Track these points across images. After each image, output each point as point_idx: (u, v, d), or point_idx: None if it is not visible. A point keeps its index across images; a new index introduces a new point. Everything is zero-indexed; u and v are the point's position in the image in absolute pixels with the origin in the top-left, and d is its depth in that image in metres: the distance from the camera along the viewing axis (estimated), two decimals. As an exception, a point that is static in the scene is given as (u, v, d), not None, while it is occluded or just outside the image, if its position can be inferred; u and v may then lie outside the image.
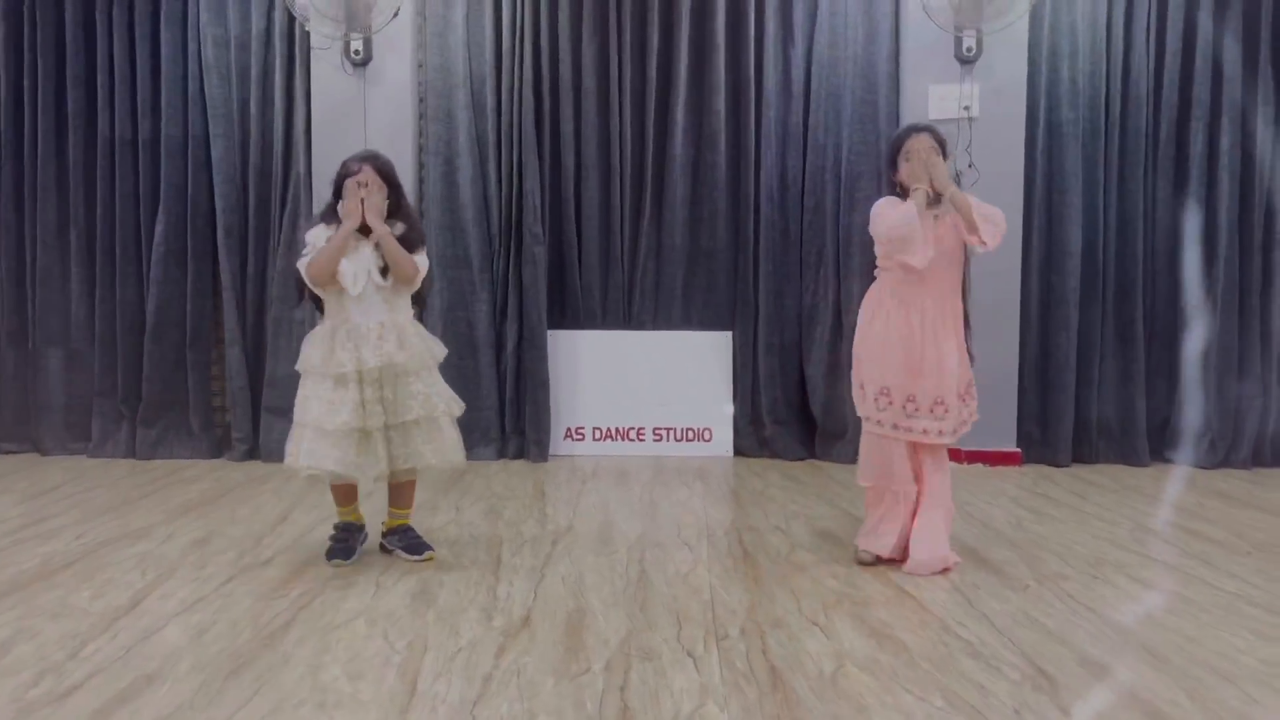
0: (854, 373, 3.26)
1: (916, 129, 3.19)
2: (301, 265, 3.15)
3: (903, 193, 3.14)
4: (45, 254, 5.22)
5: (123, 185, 5.15)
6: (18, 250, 5.30)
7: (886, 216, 3.11)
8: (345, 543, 3.24)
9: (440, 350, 3.27)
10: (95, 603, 2.77)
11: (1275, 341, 5.09)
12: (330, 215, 3.18)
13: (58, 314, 5.27)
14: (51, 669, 2.29)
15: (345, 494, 3.29)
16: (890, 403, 3.13)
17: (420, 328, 3.26)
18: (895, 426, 3.12)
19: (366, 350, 3.07)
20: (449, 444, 3.20)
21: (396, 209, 3.20)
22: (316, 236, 3.17)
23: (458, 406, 3.26)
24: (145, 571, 3.08)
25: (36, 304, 5.25)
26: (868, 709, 2.11)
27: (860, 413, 3.24)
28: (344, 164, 3.19)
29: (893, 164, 3.20)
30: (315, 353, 3.13)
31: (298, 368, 3.19)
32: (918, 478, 3.18)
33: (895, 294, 3.16)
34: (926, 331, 3.10)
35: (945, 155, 3.15)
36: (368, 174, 3.12)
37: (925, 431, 3.11)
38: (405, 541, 3.28)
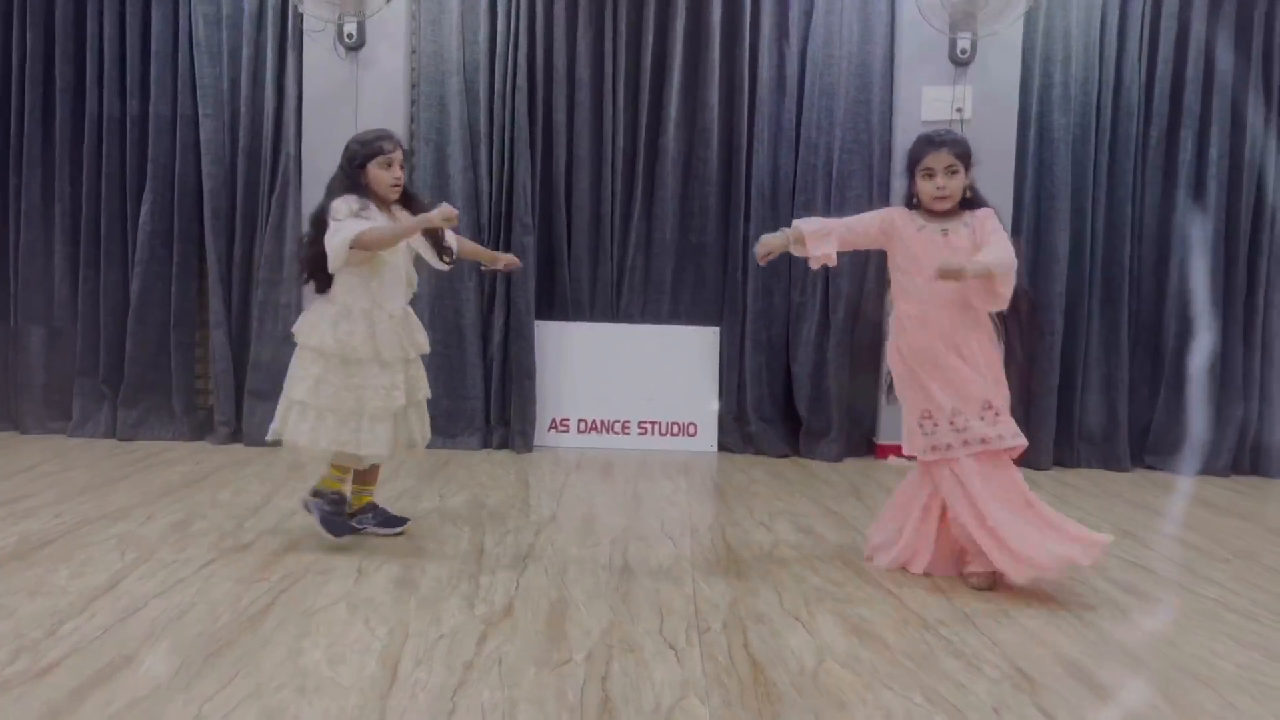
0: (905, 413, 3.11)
1: (935, 142, 3.00)
2: (348, 232, 2.98)
3: (919, 204, 3.06)
4: (29, 231, 5.17)
5: (109, 164, 5.11)
6: (1, 227, 5.24)
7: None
8: (341, 515, 3.26)
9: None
10: (73, 582, 2.75)
11: (1259, 350, 5.13)
12: (356, 189, 3.11)
13: (40, 292, 5.22)
14: (28, 647, 2.27)
15: (370, 474, 3.36)
16: (935, 424, 2.98)
17: None
18: (950, 447, 2.95)
19: (407, 335, 3.19)
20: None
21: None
22: (350, 208, 3.05)
23: None
24: (124, 552, 3.05)
25: (19, 281, 5.20)
26: (848, 705, 2.11)
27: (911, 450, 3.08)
28: (373, 142, 3.13)
29: (911, 174, 3.07)
30: (353, 337, 3.08)
31: (312, 346, 3.12)
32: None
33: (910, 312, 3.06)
34: (948, 343, 2.97)
35: (969, 166, 3.01)
36: (400, 156, 3.17)
37: (985, 440, 2.92)
38: (379, 518, 3.33)
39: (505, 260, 3.53)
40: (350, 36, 4.91)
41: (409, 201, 3.27)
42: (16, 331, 5.23)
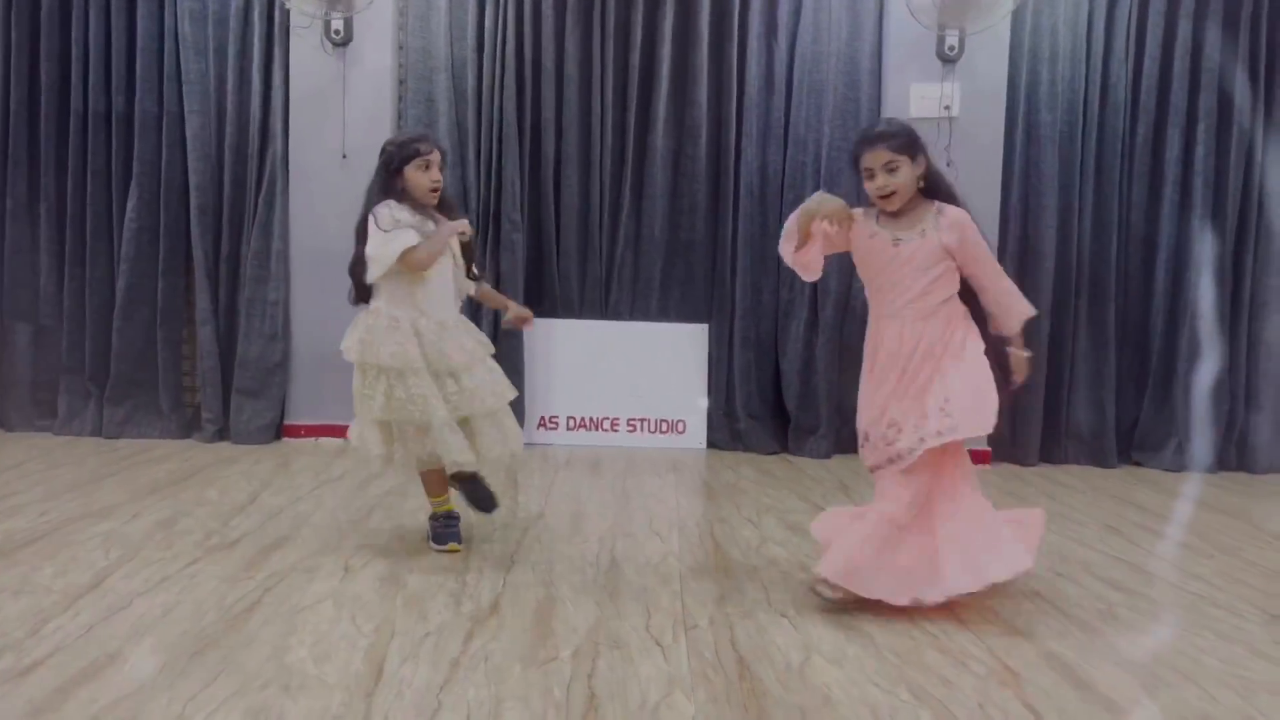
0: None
1: (869, 139, 2.76)
2: (398, 245, 2.92)
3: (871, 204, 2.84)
4: (14, 228, 5.14)
5: (95, 160, 5.07)
6: (-14, 223, 5.21)
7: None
8: (453, 528, 3.19)
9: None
10: (58, 580, 2.74)
11: (1244, 347, 5.15)
12: (395, 193, 3.03)
13: (26, 289, 5.19)
14: (11, 646, 2.26)
15: (441, 481, 3.24)
16: (900, 431, 2.74)
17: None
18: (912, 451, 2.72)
19: (455, 343, 3.07)
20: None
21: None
22: (394, 215, 2.97)
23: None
24: (109, 551, 3.04)
25: (5, 279, 5.16)
26: (834, 700, 2.11)
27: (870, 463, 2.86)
28: (409, 144, 3.04)
29: (858, 175, 2.84)
30: (409, 349, 2.98)
31: (370, 362, 3.00)
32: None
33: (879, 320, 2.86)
34: (917, 357, 2.75)
35: (913, 156, 2.72)
36: (438, 158, 3.08)
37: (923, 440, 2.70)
38: (430, 530, 3.24)
39: (518, 315, 3.41)
40: (337, 33, 4.89)
41: (443, 206, 3.17)
42: (2, 329, 5.19)
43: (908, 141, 2.73)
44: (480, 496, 3.29)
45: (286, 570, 2.91)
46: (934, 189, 2.80)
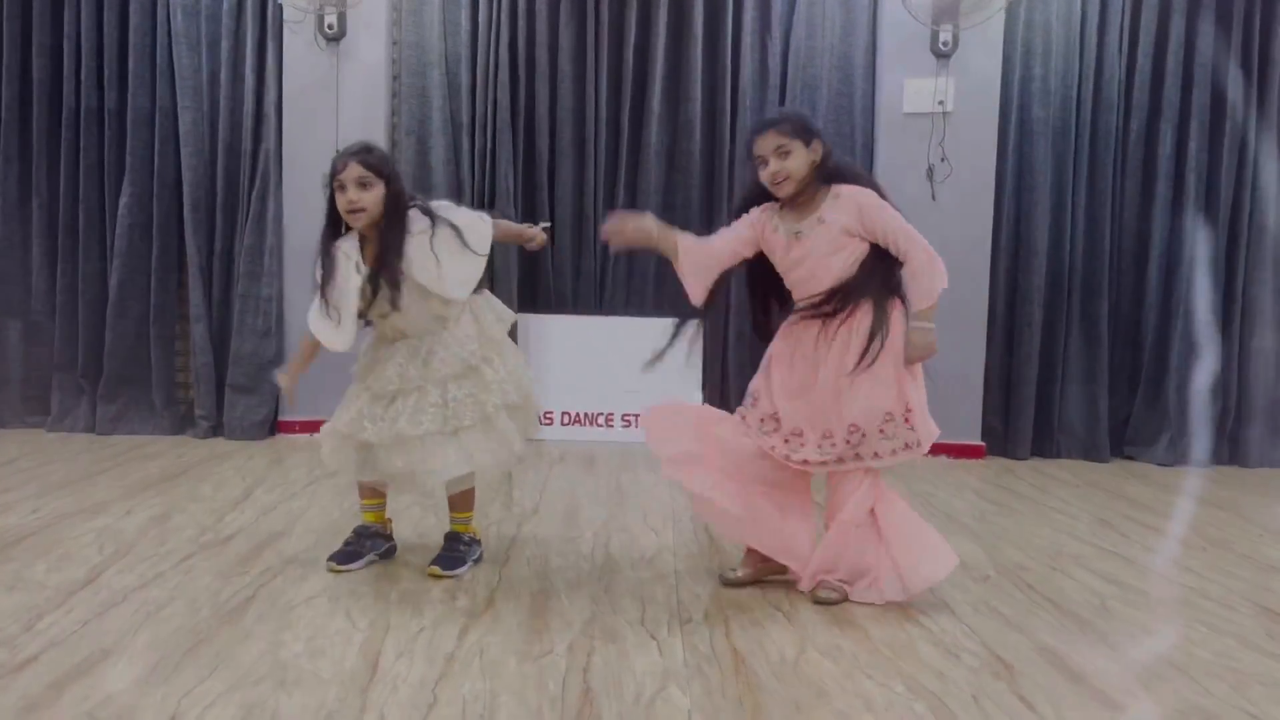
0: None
1: (757, 128, 2.73)
2: (310, 320, 2.79)
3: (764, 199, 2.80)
4: (6, 225, 5.12)
5: (87, 156, 5.06)
6: (-23, 220, 5.20)
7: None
8: (351, 546, 2.93)
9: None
10: (51, 576, 2.73)
11: (1237, 341, 5.17)
12: (330, 228, 2.80)
13: (18, 285, 5.17)
14: (5, 642, 2.25)
15: (370, 488, 2.99)
16: (777, 428, 2.78)
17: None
18: (773, 449, 2.77)
19: (416, 365, 2.79)
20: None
21: (395, 210, 2.73)
22: (338, 255, 2.75)
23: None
24: (103, 547, 3.03)
25: (-4, 275, 5.16)
26: (828, 693, 2.12)
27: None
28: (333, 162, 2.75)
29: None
30: (367, 358, 2.87)
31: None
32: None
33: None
34: (818, 355, 2.74)
35: (806, 141, 2.67)
36: (353, 172, 2.67)
37: (806, 462, 2.74)
38: (441, 551, 2.96)
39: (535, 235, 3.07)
40: (331, 28, 4.88)
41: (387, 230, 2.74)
42: (-6, 326, 5.19)
43: (799, 126, 2.68)
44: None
45: (281, 566, 2.90)
46: (834, 174, 2.74)
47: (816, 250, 2.70)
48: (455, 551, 2.92)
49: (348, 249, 2.77)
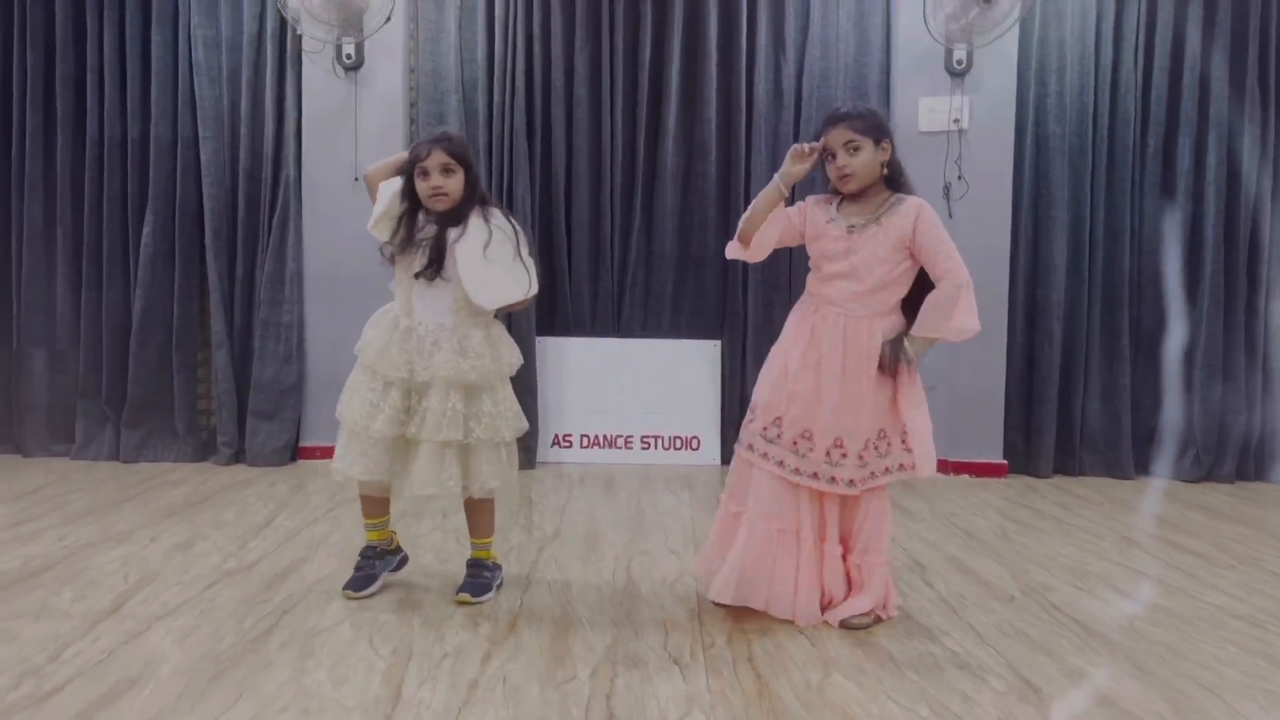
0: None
1: (832, 119, 2.69)
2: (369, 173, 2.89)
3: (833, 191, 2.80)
4: (31, 253, 5.19)
5: (110, 186, 5.12)
6: (3, 249, 5.25)
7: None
8: (362, 570, 2.94)
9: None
10: (76, 605, 2.75)
11: (1260, 356, 5.13)
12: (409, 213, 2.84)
13: (43, 314, 5.23)
14: (32, 671, 2.27)
15: (373, 505, 2.96)
16: (780, 435, 2.75)
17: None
18: (781, 464, 2.72)
19: (421, 355, 2.77)
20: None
21: (471, 196, 2.82)
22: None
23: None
24: (128, 575, 3.05)
25: (21, 304, 5.21)
26: (853, 717, 2.10)
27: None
28: (414, 147, 2.82)
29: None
30: (372, 340, 2.82)
31: (356, 350, 2.87)
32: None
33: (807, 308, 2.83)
34: (833, 359, 2.71)
35: (877, 140, 2.68)
36: (438, 159, 2.74)
37: (816, 476, 2.70)
38: (466, 578, 2.94)
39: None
40: (349, 56, 4.93)
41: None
42: (19, 354, 5.24)
43: (871, 124, 2.68)
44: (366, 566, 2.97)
45: (304, 593, 2.91)
46: (896, 180, 2.75)
47: (865, 250, 2.68)
48: (480, 578, 2.93)
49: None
